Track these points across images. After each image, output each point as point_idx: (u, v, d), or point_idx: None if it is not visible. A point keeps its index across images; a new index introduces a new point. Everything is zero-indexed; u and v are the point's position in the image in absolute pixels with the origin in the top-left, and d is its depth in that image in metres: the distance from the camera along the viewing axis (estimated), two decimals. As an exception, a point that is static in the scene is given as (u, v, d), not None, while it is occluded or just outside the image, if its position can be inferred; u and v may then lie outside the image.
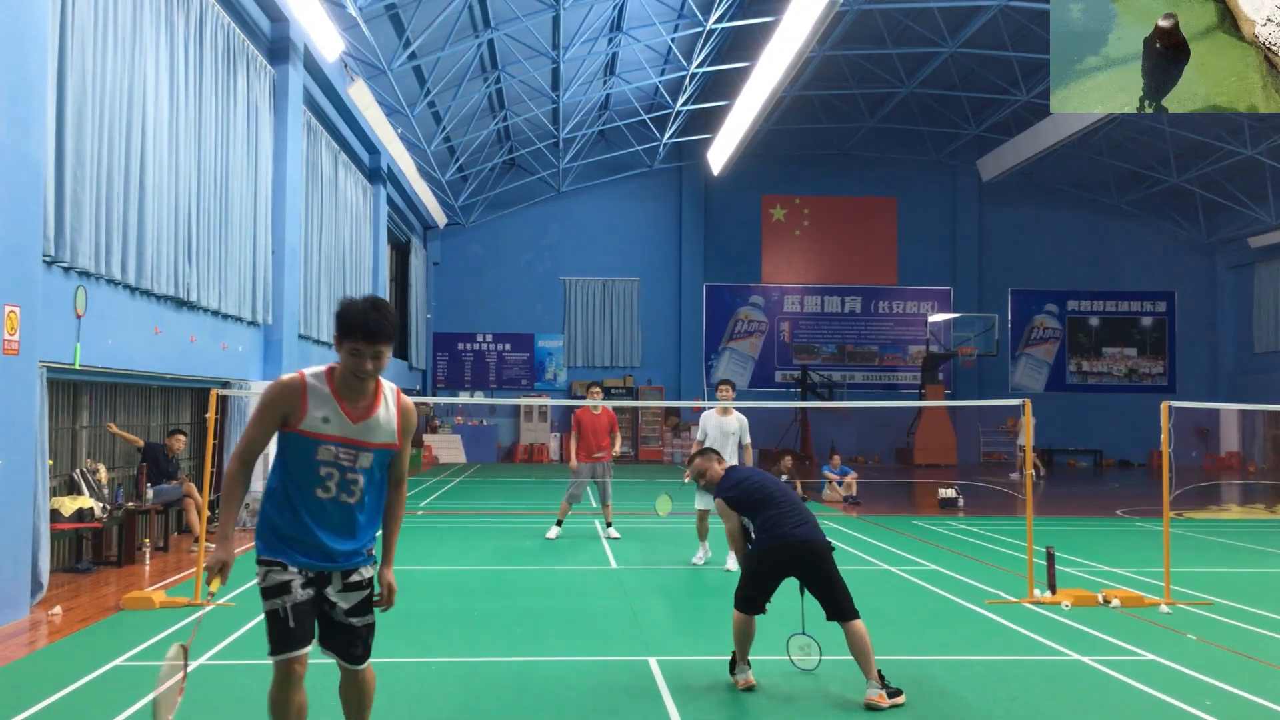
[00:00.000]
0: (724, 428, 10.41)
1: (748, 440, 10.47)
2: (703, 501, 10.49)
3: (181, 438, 11.63)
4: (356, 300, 3.99)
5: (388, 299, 24.44)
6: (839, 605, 5.89)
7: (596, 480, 12.60)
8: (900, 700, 5.63)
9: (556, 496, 18.15)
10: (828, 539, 6.17)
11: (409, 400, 4.13)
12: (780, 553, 5.98)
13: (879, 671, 5.69)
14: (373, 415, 3.97)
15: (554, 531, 12.54)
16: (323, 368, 4.06)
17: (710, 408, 10.72)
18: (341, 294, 19.40)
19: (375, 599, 4.11)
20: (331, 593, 3.95)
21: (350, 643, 4.02)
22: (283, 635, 3.83)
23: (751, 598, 6.04)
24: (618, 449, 12.62)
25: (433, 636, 7.27)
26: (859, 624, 5.81)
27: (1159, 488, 8.80)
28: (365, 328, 3.86)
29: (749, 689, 5.89)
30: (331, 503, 3.90)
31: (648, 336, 31.61)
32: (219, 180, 12.70)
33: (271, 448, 4.10)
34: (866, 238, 32.33)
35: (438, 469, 25.79)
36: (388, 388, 4.10)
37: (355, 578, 4.01)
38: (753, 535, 6.17)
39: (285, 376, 3.94)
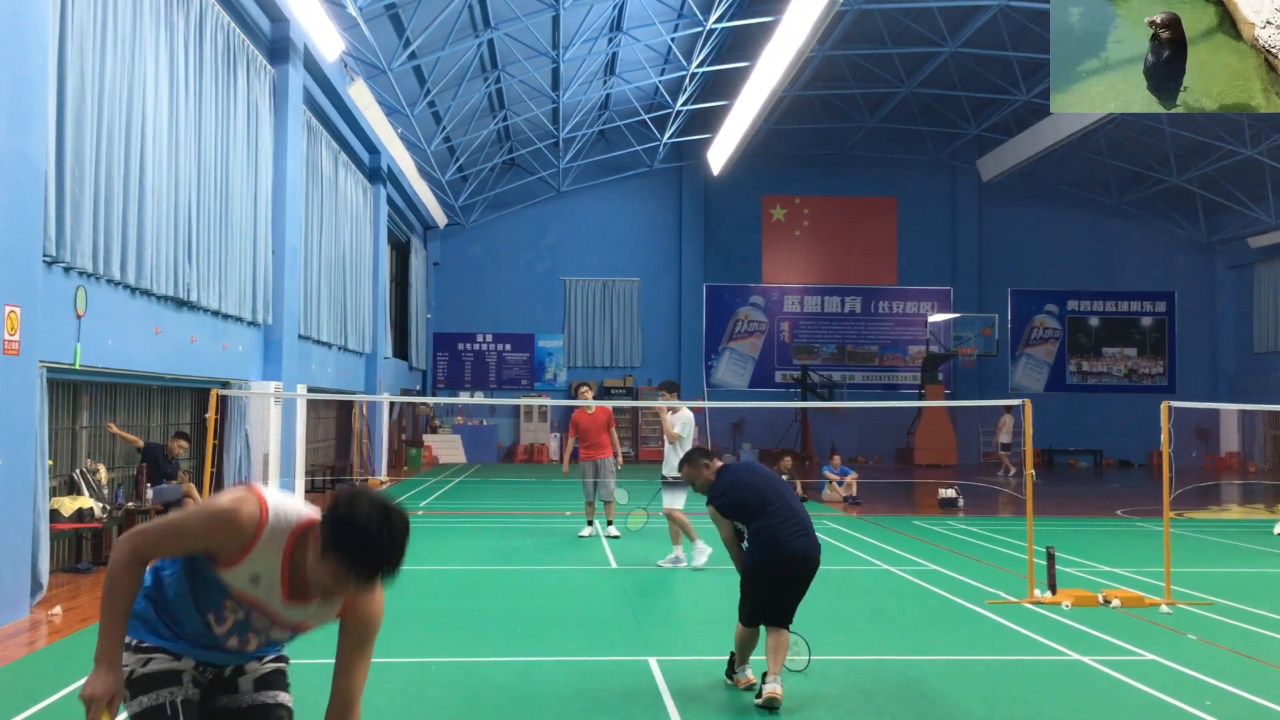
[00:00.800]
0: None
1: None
2: (670, 500, 10.53)
3: (184, 443, 11.61)
4: (369, 518, 2.66)
5: (388, 299, 24.56)
6: (791, 612, 5.85)
7: (598, 480, 12.65)
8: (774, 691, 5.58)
9: (556, 496, 18.17)
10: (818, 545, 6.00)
11: (377, 603, 3.07)
12: (779, 567, 5.83)
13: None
14: (312, 602, 2.95)
15: (586, 530, 12.84)
16: (296, 518, 2.84)
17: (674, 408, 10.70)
18: (341, 294, 19.42)
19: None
20: (241, 679, 3.09)
21: None
22: None
23: (754, 611, 5.89)
24: (619, 456, 12.64)
25: (432, 636, 7.27)
26: (787, 633, 5.83)
27: (1159, 488, 8.80)
28: (369, 565, 2.71)
29: (749, 687, 5.88)
30: (223, 637, 2.99)
31: (648, 336, 31.61)
32: (219, 180, 12.70)
33: None
34: (866, 238, 32.32)
35: (437, 469, 25.79)
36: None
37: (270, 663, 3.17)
38: (745, 542, 5.98)
39: (245, 507, 2.77)
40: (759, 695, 5.59)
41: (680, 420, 10.71)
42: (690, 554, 10.52)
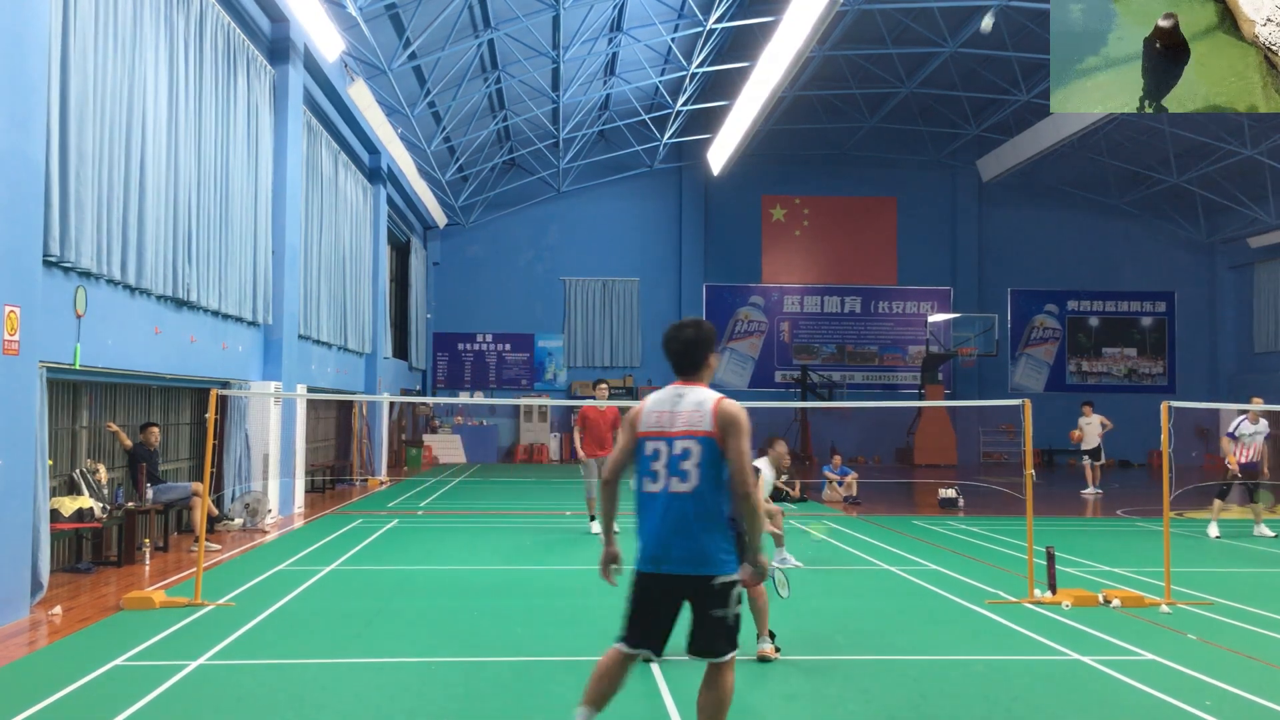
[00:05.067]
0: None
1: None
2: None
3: (154, 430, 11.55)
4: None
5: (388, 299, 24.52)
6: None
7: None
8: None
9: (556, 496, 18.18)
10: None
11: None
12: None
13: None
14: None
15: (595, 525, 12.78)
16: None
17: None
18: (341, 294, 19.42)
19: None
20: None
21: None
22: None
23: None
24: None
25: (433, 636, 7.27)
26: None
27: (1159, 488, 8.80)
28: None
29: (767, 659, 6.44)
30: None
31: (648, 336, 31.60)
32: (219, 180, 12.70)
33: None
34: (866, 238, 32.32)
35: (438, 469, 25.79)
36: None
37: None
38: None
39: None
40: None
41: None
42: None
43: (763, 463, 9.79)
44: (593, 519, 12.90)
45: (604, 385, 12.98)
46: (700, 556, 4.15)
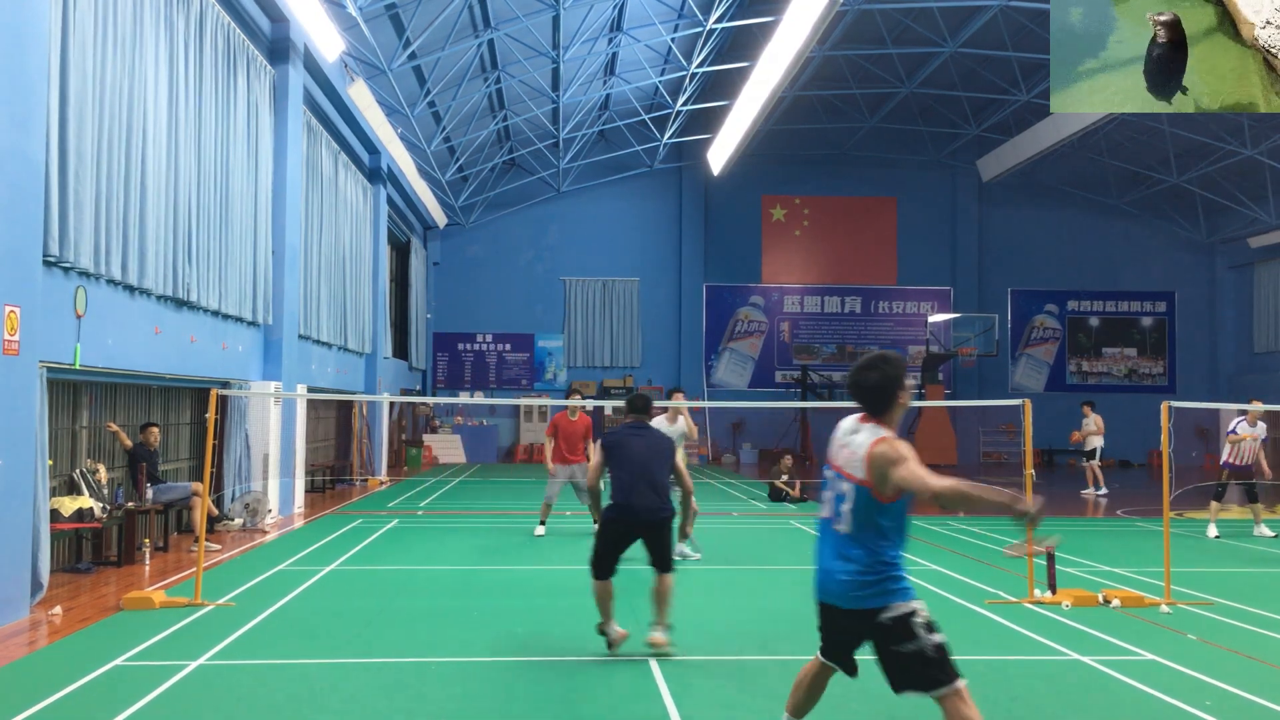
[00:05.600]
0: (672, 434, 10.89)
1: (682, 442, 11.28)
2: None
3: (154, 430, 11.55)
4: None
5: (388, 299, 24.52)
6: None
7: (575, 482, 12.52)
8: (664, 644, 6.56)
9: (556, 497, 18.15)
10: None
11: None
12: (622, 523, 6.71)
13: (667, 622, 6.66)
14: None
15: (540, 529, 12.81)
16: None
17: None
18: (341, 294, 19.42)
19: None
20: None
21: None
22: None
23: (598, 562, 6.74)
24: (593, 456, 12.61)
25: (433, 636, 7.27)
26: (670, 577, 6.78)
27: (1159, 488, 8.80)
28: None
29: (623, 640, 6.63)
30: None
31: (648, 336, 31.61)
32: (219, 180, 12.70)
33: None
34: (866, 238, 32.33)
35: (437, 469, 25.79)
36: None
37: None
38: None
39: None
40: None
41: (681, 426, 11.21)
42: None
43: (660, 421, 10.59)
44: (541, 523, 12.81)
45: (577, 394, 13.04)
46: (855, 592, 4.10)
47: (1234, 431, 13.61)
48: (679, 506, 7.13)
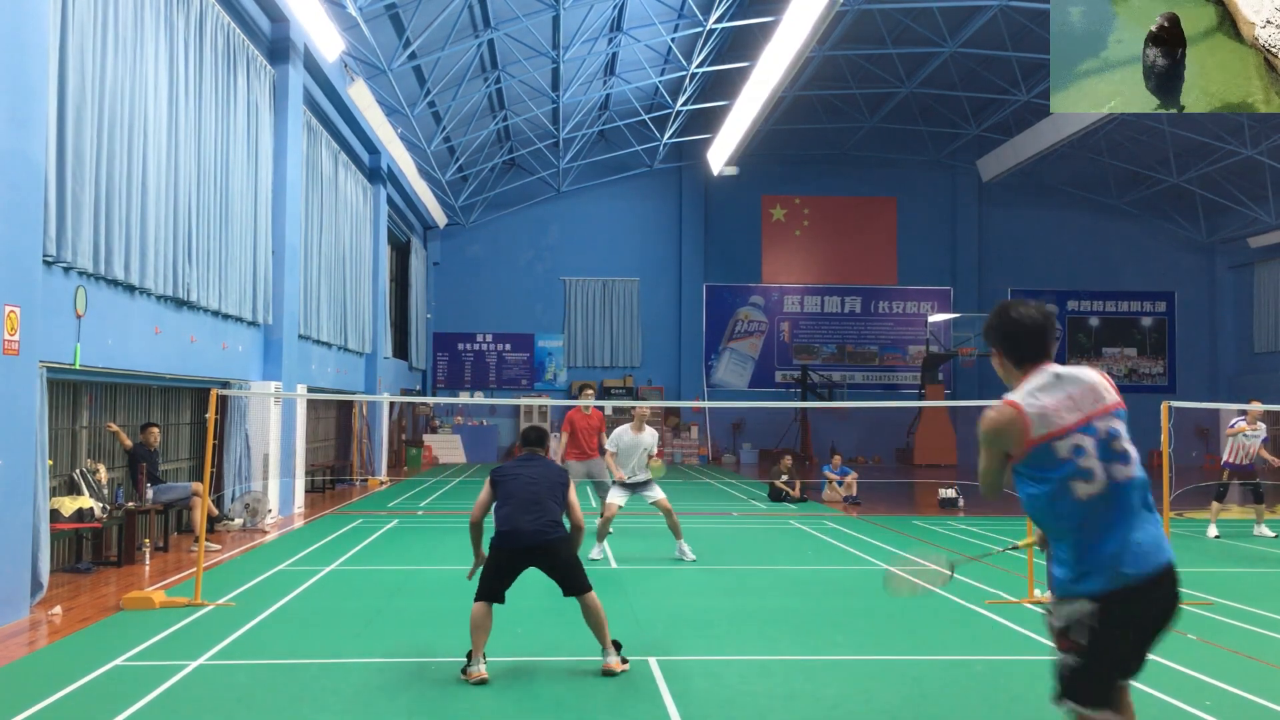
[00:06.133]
0: (638, 443, 11.13)
1: (655, 450, 11.33)
2: (618, 496, 11.06)
3: (154, 430, 11.55)
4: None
5: (388, 299, 24.53)
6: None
7: (593, 479, 12.59)
8: (622, 667, 6.16)
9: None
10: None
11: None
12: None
13: (613, 641, 6.32)
14: None
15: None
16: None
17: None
18: (341, 294, 19.42)
19: None
20: None
21: None
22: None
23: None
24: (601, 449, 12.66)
25: (433, 636, 7.27)
26: (593, 596, 6.34)
27: (1159, 488, 8.80)
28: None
29: (480, 682, 5.92)
30: None
31: (648, 336, 31.61)
32: (219, 180, 12.70)
33: None
34: (866, 238, 32.33)
35: (437, 469, 25.79)
36: None
37: None
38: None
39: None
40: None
41: (647, 438, 11.23)
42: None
43: (624, 430, 10.95)
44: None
45: (590, 390, 13.09)
46: (1164, 544, 3.44)
47: (1234, 426, 13.57)
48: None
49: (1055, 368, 3.59)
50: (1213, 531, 13.39)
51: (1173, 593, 3.47)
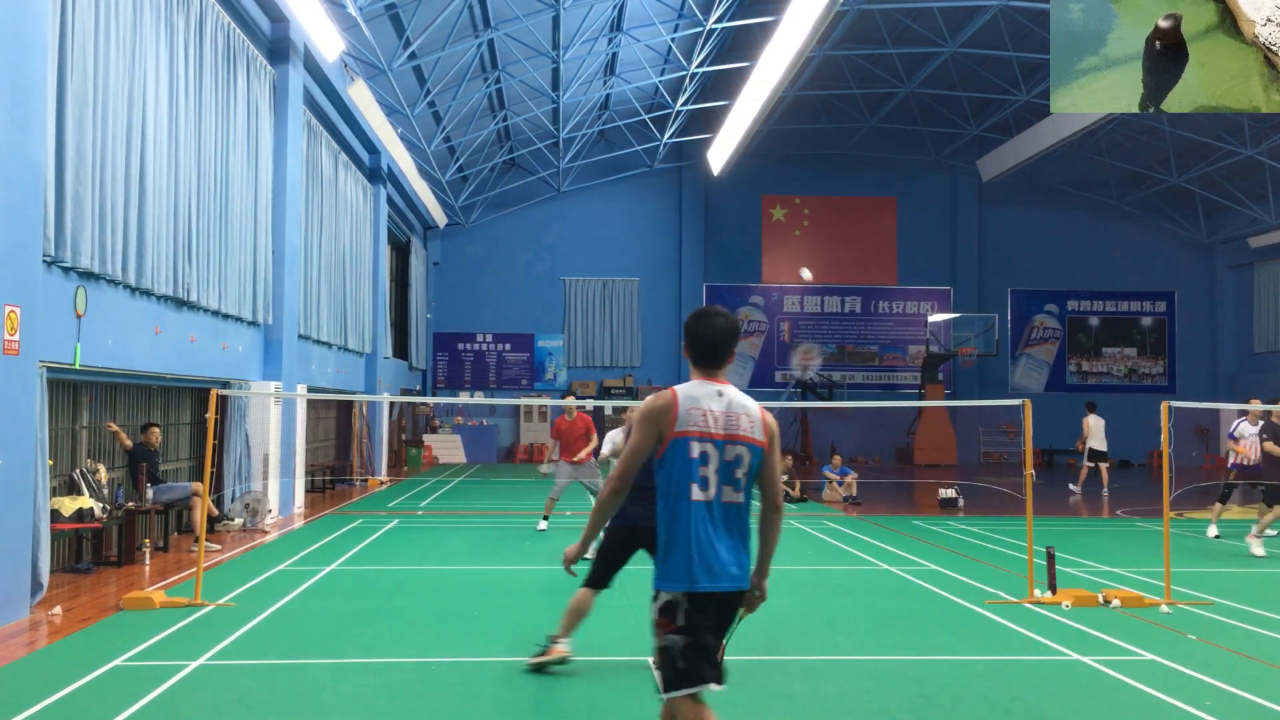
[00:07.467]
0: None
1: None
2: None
3: (155, 430, 11.56)
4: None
5: (388, 298, 24.53)
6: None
7: (582, 481, 12.80)
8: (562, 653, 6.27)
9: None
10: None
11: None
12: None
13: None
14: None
15: (543, 524, 13.13)
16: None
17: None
18: (341, 294, 19.42)
19: None
20: None
21: None
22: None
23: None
24: (597, 451, 12.73)
25: (433, 636, 7.27)
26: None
27: (1159, 488, 8.80)
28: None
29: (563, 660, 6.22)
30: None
31: (648, 336, 31.61)
32: (219, 180, 12.70)
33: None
34: (866, 238, 32.33)
35: (437, 469, 25.79)
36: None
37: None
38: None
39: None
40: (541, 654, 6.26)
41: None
42: None
43: (617, 434, 10.80)
44: (544, 518, 13.24)
45: (571, 396, 13.28)
46: (747, 572, 3.78)
47: (1234, 435, 13.54)
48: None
49: (727, 387, 3.80)
50: (1213, 531, 13.39)
51: (727, 617, 3.79)
